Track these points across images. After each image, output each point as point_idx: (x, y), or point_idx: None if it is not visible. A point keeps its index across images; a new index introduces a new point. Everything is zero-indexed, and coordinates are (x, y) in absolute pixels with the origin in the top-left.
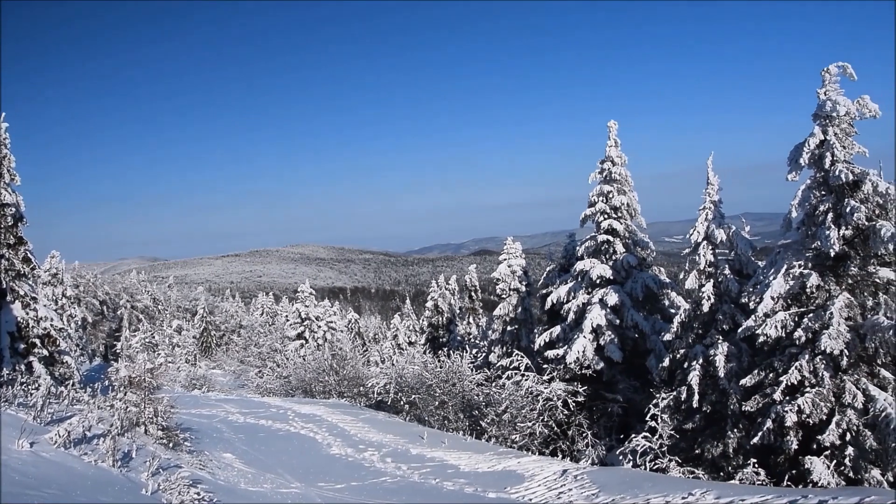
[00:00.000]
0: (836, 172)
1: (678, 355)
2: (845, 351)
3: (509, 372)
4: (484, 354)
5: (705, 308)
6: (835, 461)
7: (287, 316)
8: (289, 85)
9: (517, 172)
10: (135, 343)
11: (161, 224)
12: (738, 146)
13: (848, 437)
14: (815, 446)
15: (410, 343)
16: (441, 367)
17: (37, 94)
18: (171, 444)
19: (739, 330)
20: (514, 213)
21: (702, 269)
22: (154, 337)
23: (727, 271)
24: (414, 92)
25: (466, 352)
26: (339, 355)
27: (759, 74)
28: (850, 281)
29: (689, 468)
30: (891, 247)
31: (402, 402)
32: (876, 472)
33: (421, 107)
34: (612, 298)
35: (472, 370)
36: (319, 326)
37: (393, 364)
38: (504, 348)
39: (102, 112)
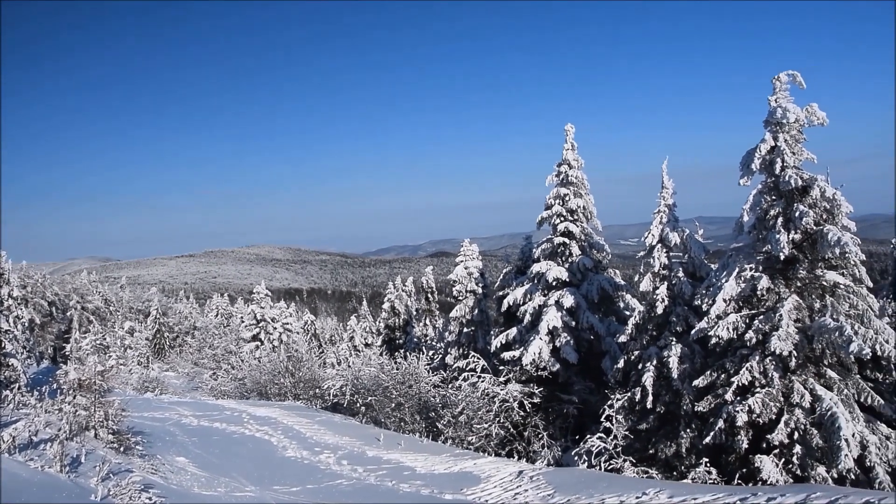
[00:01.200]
0: (787, 178)
1: (633, 357)
2: (794, 352)
3: (466, 373)
4: (440, 356)
5: (659, 310)
6: (783, 459)
7: (242, 317)
8: (243, 86)
9: (475, 175)
10: (85, 345)
11: (113, 224)
12: (693, 151)
13: (796, 435)
14: (764, 445)
15: (367, 345)
16: (397, 369)
17: None
18: (122, 449)
19: (692, 332)
20: (471, 216)
21: (656, 271)
22: (105, 339)
23: (681, 274)
24: (371, 93)
25: (423, 353)
26: (294, 357)
27: (714, 80)
28: (798, 284)
29: (643, 468)
30: (837, 251)
31: (358, 404)
32: (821, 470)
33: (378, 108)
34: (568, 300)
35: (428, 372)
36: (275, 328)
37: (349, 366)
38: (460, 350)
39: (51, 109)
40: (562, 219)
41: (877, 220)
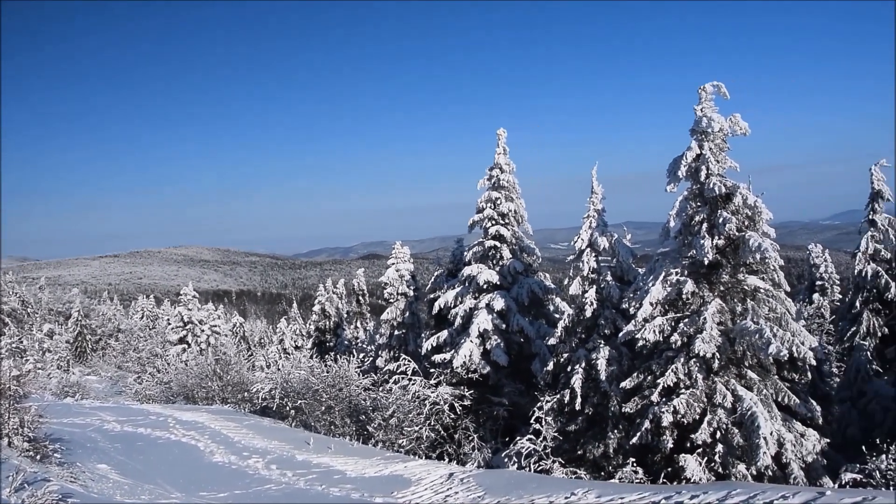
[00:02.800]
0: (711, 185)
1: (562, 359)
2: (717, 354)
3: (396, 376)
4: (371, 359)
5: (588, 313)
6: (706, 458)
7: (169, 319)
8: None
9: (407, 177)
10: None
11: (32, 223)
12: (623, 156)
13: (718, 435)
14: (688, 444)
15: (297, 347)
16: (328, 372)
17: None
18: (38, 457)
19: (620, 334)
20: (403, 218)
21: (585, 275)
22: (22, 342)
23: (609, 278)
24: (303, 93)
25: (354, 356)
26: (223, 360)
27: (644, 87)
28: (721, 288)
29: (571, 469)
30: (758, 256)
31: (287, 408)
32: (742, 467)
33: (310, 109)
34: (499, 303)
35: (359, 375)
36: (203, 330)
37: (279, 369)
38: (391, 353)
39: None
40: (493, 222)
41: (794, 227)
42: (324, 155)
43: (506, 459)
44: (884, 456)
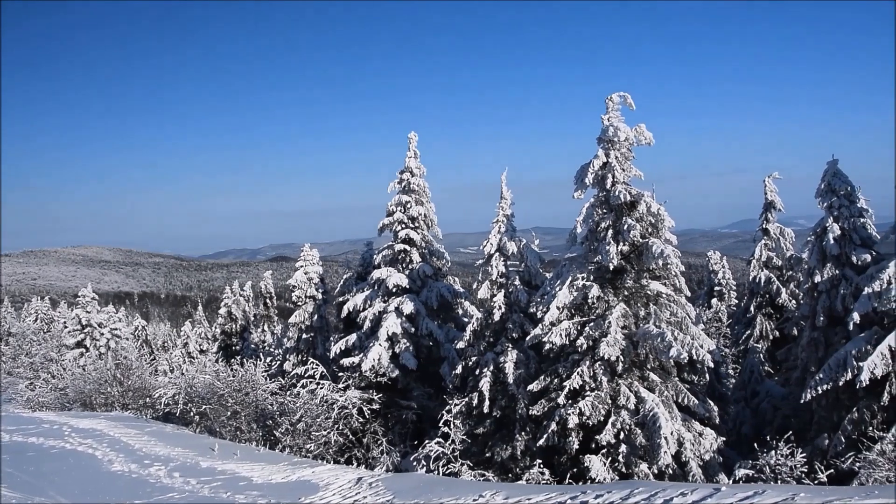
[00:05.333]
0: (617, 193)
1: (470, 363)
2: (621, 357)
3: (304, 380)
4: (279, 363)
5: (496, 317)
6: (610, 458)
7: (66, 322)
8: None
9: (317, 179)
10: None
11: None
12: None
13: (622, 435)
14: (593, 445)
15: (202, 351)
16: (234, 376)
17: None
18: None
19: (528, 338)
20: (312, 220)
21: (494, 279)
22: None
23: (517, 282)
24: (209, 91)
25: (261, 360)
26: (123, 365)
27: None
28: (626, 293)
29: (479, 471)
30: (661, 262)
31: (192, 414)
32: (644, 466)
33: (218, 106)
34: (408, 307)
35: (266, 379)
36: (102, 334)
37: (183, 373)
38: (299, 356)
39: None
40: (403, 226)
41: (695, 234)
42: (232, 154)
43: (414, 463)
44: (773, 452)
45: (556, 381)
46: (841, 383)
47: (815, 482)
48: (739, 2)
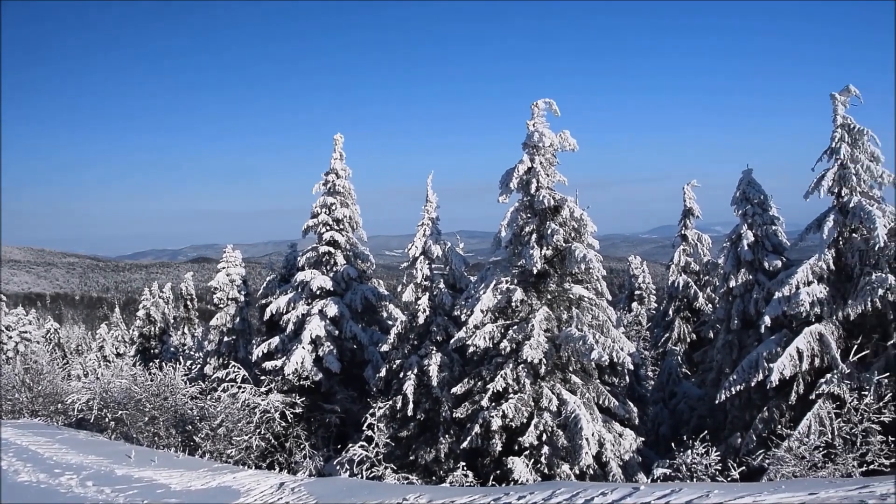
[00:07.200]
0: (541, 197)
1: (395, 366)
2: (544, 360)
3: (225, 384)
4: (199, 366)
5: (421, 320)
6: (533, 460)
7: None
8: None
9: (241, 180)
10: None
11: None
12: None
13: (544, 437)
14: (516, 447)
15: (119, 355)
16: (152, 380)
17: None
18: None
19: (452, 341)
20: (235, 221)
21: (418, 282)
22: None
23: (442, 285)
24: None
25: (181, 363)
26: (33, 369)
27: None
28: (549, 296)
29: (403, 474)
30: (583, 266)
31: (107, 420)
32: (566, 467)
33: (141, 101)
34: (332, 310)
35: (186, 383)
36: (10, 337)
37: (98, 378)
38: (221, 359)
39: None
40: (328, 228)
41: (616, 239)
42: (151, 151)
43: (338, 467)
44: (689, 451)
45: (479, 383)
46: (753, 384)
47: (728, 479)
48: (655, 7)
